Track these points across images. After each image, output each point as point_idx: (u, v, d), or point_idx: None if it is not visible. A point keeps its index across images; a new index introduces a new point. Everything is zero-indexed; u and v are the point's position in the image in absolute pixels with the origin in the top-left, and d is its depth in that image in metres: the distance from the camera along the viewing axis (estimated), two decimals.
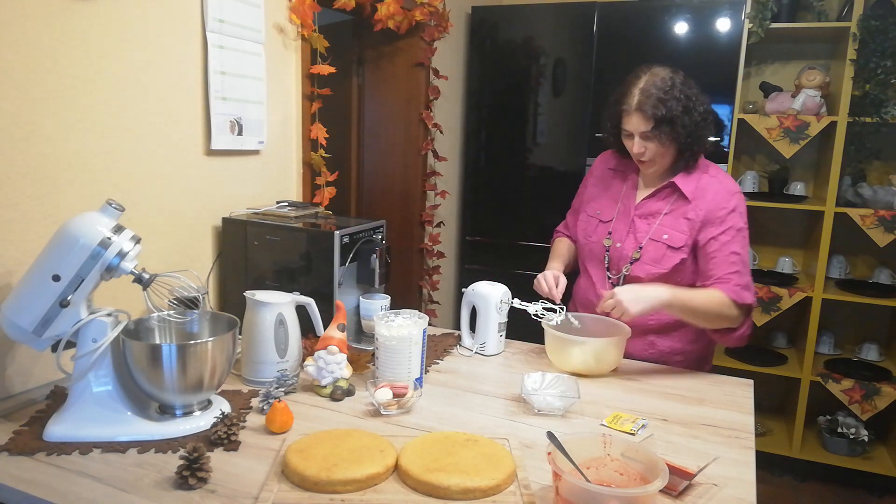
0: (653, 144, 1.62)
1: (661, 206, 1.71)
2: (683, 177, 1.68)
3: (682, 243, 1.66)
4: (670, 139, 1.61)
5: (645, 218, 1.73)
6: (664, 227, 1.69)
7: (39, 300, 1.18)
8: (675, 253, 1.66)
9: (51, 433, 1.19)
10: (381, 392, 1.34)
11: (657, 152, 1.63)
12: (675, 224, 1.68)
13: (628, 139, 1.66)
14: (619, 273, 1.73)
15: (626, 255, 1.72)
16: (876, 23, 2.66)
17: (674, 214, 1.69)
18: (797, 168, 3.23)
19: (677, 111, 1.58)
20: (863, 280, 3.10)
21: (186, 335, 1.36)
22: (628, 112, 1.61)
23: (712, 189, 1.66)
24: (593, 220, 1.82)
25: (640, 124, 1.60)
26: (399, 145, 3.08)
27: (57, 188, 1.45)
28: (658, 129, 1.59)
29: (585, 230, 1.82)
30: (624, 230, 1.75)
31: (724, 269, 1.61)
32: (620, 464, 1.07)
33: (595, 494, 0.96)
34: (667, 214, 1.69)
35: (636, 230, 1.73)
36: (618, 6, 3.05)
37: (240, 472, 1.10)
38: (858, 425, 2.95)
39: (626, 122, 1.63)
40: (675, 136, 1.61)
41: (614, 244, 1.74)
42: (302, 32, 2.16)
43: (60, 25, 1.41)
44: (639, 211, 1.74)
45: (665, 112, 1.57)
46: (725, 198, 1.65)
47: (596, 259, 1.79)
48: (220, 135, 1.85)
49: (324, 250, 1.68)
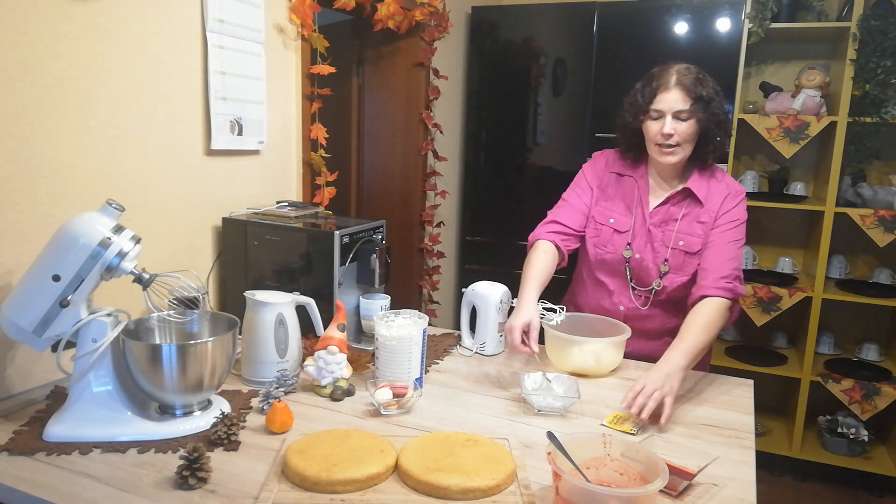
0: (683, 126, 1.59)
1: (675, 213, 1.69)
2: (696, 179, 1.68)
3: (698, 248, 1.66)
4: (700, 123, 1.60)
5: (660, 226, 1.70)
6: (680, 234, 1.68)
7: (39, 300, 1.18)
8: (694, 258, 1.66)
9: (51, 433, 1.19)
10: (381, 392, 1.34)
11: (684, 137, 1.60)
12: (690, 229, 1.68)
13: (656, 122, 1.61)
14: (649, 286, 1.72)
15: (647, 266, 1.71)
16: (876, 23, 2.66)
17: (687, 219, 1.68)
18: (797, 168, 3.23)
19: (711, 94, 1.59)
20: (863, 280, 3.10)
21: (186, 335, 1.36)
22: (667, 88, 1.59)
23: (721, 192, 1.67)
24: (606, 230, 1.75)
25: (678, 101, 1.58)
26: (399, 145, 3.08)
27: (57, 188, 1.45)
28: (695, 107, 1.58)
29: (599, 240, 1.76)
30: (642, 241, 1.71)
31: (718, 265, 1.61)
32: (620, 464, 1.07)
33: (595, 494, 0.96)
34: (681, 220, 1.69)
35: (653, 240, 1.70)
36: (618, 6, 3.05)
37: (240, 472, 1.10)
38: (858, 425, 2.95)
39: (662, 99, 1.59)
40: (706, 120, 1.59)
41: (633, 255, 1.71)
42: (302, 32, 2.16)
43: (60, 25, 1.41)
44: (653, 219, 1.71)
45: (703, 91, 1.58)
46: (733, 198, 1.67)
47: (614, 270, 1.76)
48: (220, 135, 1.85)
49: (324, 250, 1.68)
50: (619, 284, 1.76)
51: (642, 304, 1.74)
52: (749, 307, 3.00)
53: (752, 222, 1.66)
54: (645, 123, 1.64)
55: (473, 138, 3.43)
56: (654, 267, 1.70)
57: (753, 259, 3.28)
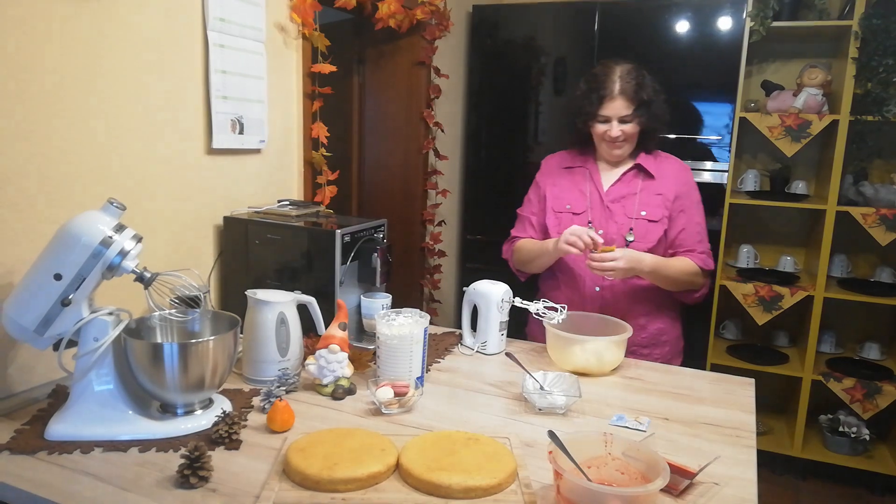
0: (629, 127, 1.77)
1: (632, 188, 1.85)
2: (643, 158, 1.86)
3: (659, 217, 1.81)
4: (642, 124, 1.78)
5: (619, 202, 1.84)
6: (642, 205, 1.83)
7: (41, 299, 1.18)
8: (656, 226, 1.81)
9: (52, 432, 1.19)
10: (383, 391, 1.34)
11: (630, 135, 1.79)
12: (650, 200, 1.82)
13: (603, 125, 1.79)
14: None
15: (613, 238, 1.81)
16: (878, 21, 2.65)
17: (645, 193, 1.83)
18: (799, 167, 3.23)
19: (651, 95, 1.78)
20: (864, 279, 3.09)
21: (188, 334, 1.36)
22: (612, 97, 1.75)
23: (671, 167, 1.87)
24: (566, 215, 1.88)
25: (622, 108, 1.75)
26: (400, 144, 3.07)
27: (57, 187, 1.45)
28: (638, 111, 1.76)
29: (561, 227, 1.84)
30: (602, 217, 1.84)
31: (693, 239, 1.83)
32: (622, 463, 1.07)
33: (596, 493, 0.96)
34: (640, 193, 1.83)
35: (613, 214, 1.83)
36: (619, 5, 3.05)
37: (241, 471, 1.10)
38: (860, 424, 2.95)
39: (608, 107, 1.76)
40: (648, 118, 1.78)
41: (597, 232, 1.80)
42: (303, 31, 2.16)
43: (61, 25, 1.41)
44: (610, 197, 1.85)
45: (644, 96, 1.76)
46: (685, 174, 1.88)
47: None
48: (221, 134, 1.85)
49: (325, 249, 1.68)
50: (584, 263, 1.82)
51: None
52: (750, 306, 3.00)
53: (753, 221, 1.69)
54: (594, 126, 1.82)
55: (474, 137, 3.43)
56: (619, 237, 1.82)
57: (755, 258, 3.27)
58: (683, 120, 3.00)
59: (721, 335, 3.38)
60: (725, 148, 2.95)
